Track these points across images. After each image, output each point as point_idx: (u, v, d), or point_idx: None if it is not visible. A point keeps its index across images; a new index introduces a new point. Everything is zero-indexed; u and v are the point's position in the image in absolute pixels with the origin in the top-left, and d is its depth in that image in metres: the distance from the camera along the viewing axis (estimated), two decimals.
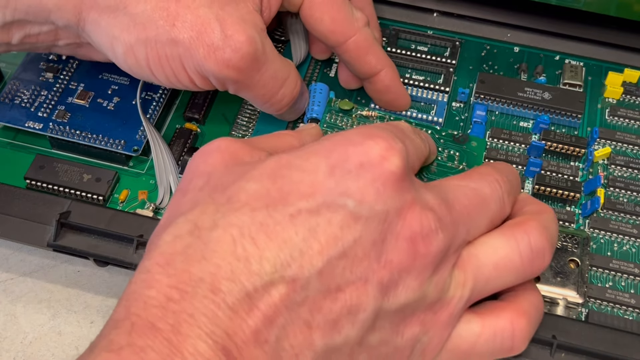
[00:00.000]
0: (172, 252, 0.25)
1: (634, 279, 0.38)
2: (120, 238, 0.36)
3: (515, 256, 0.29)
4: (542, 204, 0.32)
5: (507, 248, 0.29)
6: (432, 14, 0.50)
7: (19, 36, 0.38)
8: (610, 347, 0.33)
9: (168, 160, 0.40)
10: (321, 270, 0.25)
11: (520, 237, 0.29)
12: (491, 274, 0.29)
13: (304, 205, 0.25)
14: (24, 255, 0.41)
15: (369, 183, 0.26)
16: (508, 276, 0.30)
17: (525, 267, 0.30)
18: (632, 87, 0.46)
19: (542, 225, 0.30)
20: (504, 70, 0.48)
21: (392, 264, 0.26)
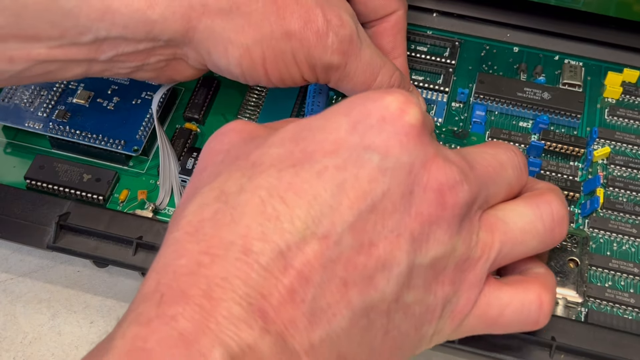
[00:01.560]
0: (200, 219, 0.24)
1: (633, 278, 0.38)
2: (119, 240, 0.36)
3: (539, 223, 0.30)
4: (549, 183, 0.33)
5: (532, 215, 0.30)
6: (431, 14, 0.50)
7: (108, 55, 0.35)
8: (610, 348, 0.33)
9: (173, 164, 0.40)
10: (353, 224, 0.24)
11: (544, 205, 0.30)
12: (517, 238, 0.29)
13: (329, 162, 0.25)
14: (24, 256, 0.41)
15: (392, 135, 0.26)
16: (532, 242, 0.30)
17: (547, 235, 0.30)
18: (631, 87, 0.46)
19: (560, 197, 0.31)
20: (504, 70, 0.48)
21: (422, 216, 0.26)
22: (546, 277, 0.31)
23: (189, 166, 0.40)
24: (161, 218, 0.40)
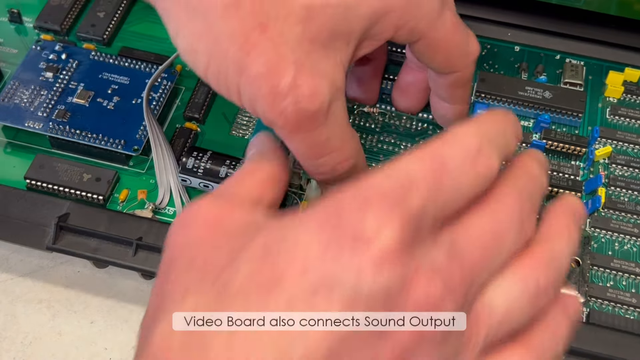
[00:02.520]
0: (167, 353, 0.24)
1: (635, 278, 0.38)
2: (119, 241, 0.36)
3: (524, 298, 0.27)
4: (567, 216, 0.30)
5: (517, 291, 0.27)
6: None
7: None
8: (612, 349, 0.33)
9: (168, 159, 0.40)
10: (326, 357, 0.23)
11: (529, 276, 0.27)
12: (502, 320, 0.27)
13: (298, 288, 0.23)
14: (24, 256, 0.41)
15: (366, 259, 0.23)
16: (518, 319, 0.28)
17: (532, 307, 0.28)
18: (632, 87, 0.46)
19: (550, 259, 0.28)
20: (505, 69, 0.48)
21: (400, 344, 0.24)
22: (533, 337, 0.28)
23: (189, 166, 0.40)
24: (161, 218, 0.40)
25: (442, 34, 0.34)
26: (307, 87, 0.30)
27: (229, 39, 0.29)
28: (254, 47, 0.29)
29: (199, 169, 0.39)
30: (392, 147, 0.41)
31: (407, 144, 0.41)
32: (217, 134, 0.44)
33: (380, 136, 0.41)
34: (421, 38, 0.33)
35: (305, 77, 0.30)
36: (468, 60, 0.36)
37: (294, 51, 0.29)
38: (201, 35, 0.30)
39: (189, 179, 0.40)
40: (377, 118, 0.42)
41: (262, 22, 0.29)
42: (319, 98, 0.30)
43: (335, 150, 0.33)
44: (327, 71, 0.30)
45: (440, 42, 0.34)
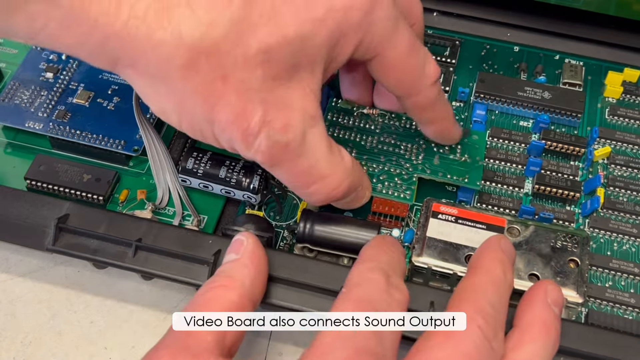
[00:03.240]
0: None
1: (633, 278, 0.38)
2: (119, 242, 0.36)
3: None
4: (541, 313, 0.31)
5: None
6: (432, 14, 0.50)
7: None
8: (610, 350, 0.33)
9: (164, 158, 0.40)
10: None
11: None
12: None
13: None
14: (24, 256, 0.41)
15: None
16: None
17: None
18: (631, 87, 0.46)
19: None
20: (504, 69, 0.48)
21: None
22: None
23: (188, 166, 0.40)
24: (161, 218, 0.40)
25: (396, 53, 0.34)
26: (278, 121, 0.31)
27: (193, 97, 0.30)
28: (218, 99, 0.30)
29: (199, 170, 0.40)
30: (392, 148, 0.41)
31: (407, 144, 0.41)
32: None
33: (380, 137, 0.41)
34: (376, 55, 0.34)
35: (273, 112, 0.30)
36: (425, 84, 0.36)
37: (259, 92, 0.30)
38: (166, 96, 0.30)
39: (189, 179, 0.40)
40: (376, 119, 0.42)
41: (222, 74, 0.29)
42: (292, 129, 0.31)
43: (323, 177, 0.34)
44: (296, 102, 0.31)
45: (394, 61, 0.34)
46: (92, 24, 0.27)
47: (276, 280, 0.35)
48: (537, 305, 0.31)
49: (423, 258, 0.36)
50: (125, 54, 0.28)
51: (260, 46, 0.29)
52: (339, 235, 0.37)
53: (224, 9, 0.28)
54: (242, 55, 0.29)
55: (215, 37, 0.28)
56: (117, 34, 0.28)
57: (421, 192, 0.40)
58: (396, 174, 0.40)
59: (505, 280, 0.32)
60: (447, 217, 0.38)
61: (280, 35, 0.29)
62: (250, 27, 0.29)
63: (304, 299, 0.35)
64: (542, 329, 0.31)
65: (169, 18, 0.28)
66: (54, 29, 0.28)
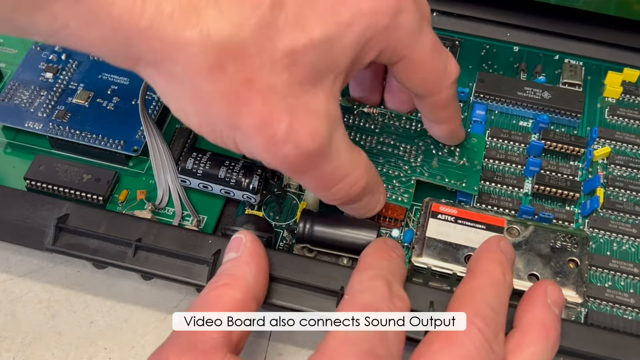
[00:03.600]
0: None
1: (633, 278, 0.38)
2: (118, 242, 0.36)
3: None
4: (541, 314, 0.31)
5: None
6: (431, 14, 0.50)
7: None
8: (610, 350, 0.33)
9: (166, 159, 0.40)
10: None
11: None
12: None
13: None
14: (24, 256, 0.41)
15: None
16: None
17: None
18: (631, 87, 0.46)
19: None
20: (504, 69, 0.48)
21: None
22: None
23: (188, 167, 0.40)
24: (160, 219, 0.40)
25: (421, 54, 0.34)
26: (305, 129, 0.30)
27: (218, 100, 0.29)
28: (244, 103, 0.29)
29: (198, 170, 0.40)
30: (391, 149, 0.41)
31: (406, 145, 0.41)
32: None
33: (379, 137, 0.41)
34: (401, 59, 0.34)
35: (300, 120, 0.30)
36: (446, 83, 0.36)
37: (285, 97, 0.29)
38: (190, 99, 0.30)
39: (189, 179, 0.40)
40: (376, 118, 0.42)
41: (248, 77, 0.29)
42: (319, 136, 0.31)
43: (345, 176, 0.34)
44: (321, 107, 0.31)
45: (419, 62, 0.34)
46: (115, 22, 0.27)
47: (276, 280, 0.35)
48: (537, 306, 0.32)
49: (423, 258, 0.36)
50: (149, 53, 0.28)
51: (286, 49, 0.29)
52: (338, 236, 0.37)
53: (252, 11, 0.28)
54: (269, 58, 0.28)
55: (243, 38, 0.28)
56: (141, 33, 0.27)
57: (418, 194, 0.40)
58: (394, 176, 0.40)
59: (505, 282, 0.32)
60: (446, 217, 0.38)
61: (307, 38, 0.29)
62: (277, 30, 0.28)
63: (304, 299, 0.35)
64: (541, 330, 0.31)
65: (197, 17, 0.27)
66: (76, 27, 0.27)
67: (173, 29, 0.27)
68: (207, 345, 0.29)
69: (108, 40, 0.28)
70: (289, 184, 0.42)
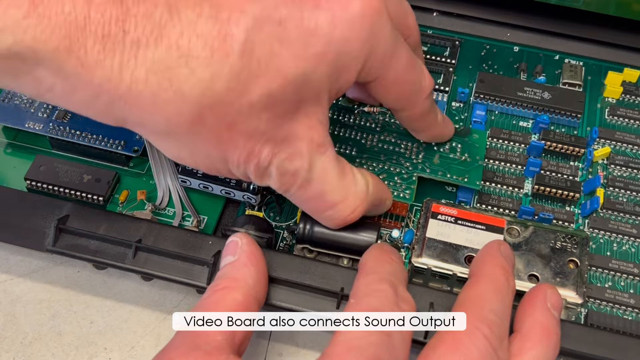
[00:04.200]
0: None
1: (633, 278, 0.38)
2: (119, 243, 0.36)
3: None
4: (541, 318, 0.32)
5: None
6: (431, 14, 0.50)
7: None
8: (610, 351, 0.33)
9: (165, 159, 0.40)
10: None
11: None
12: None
13: None
14: (24, 256, 0.41)
15: None
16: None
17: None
18: (631, 87, 0.46)
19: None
20: (504, 69, 0.48)
21: None
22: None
23: (188, 167, 0.40)
24: (161, 219, 0.40)
25: (396, 73, 0.34)
26: (285, 153, 0.31)
27: (204, 146, 0.30)
28: (228, 144, 0.30)
29: (199, 171, 0.40)
30: (392, 147, 0.41)
31: (407, 142, 0.41)
32: None
33: (381, 135, 0.41)
34: (376, 79, 0.34)
35: (280, 147, 0.31)
36: (421, 97, 0.36)
37: (267, 131, 0.30)
38: (179, 148, 0.31)
39: (189, 180, 0.40)
40: (377, 117, 0.42)
41: (228, 123, 0.30)
42: (298, 157, 0.32)
43: (337, 203, 0.34)
44: (302, 133, 0.32)
45: (394, 81, 0.34)
46: (97, 89, 0.27)
47: (276, 281, 0.35)
48: (537, 309, 0.32)
49: (423, 259, 0.36)
50: (132, 115, 0.29)
51: (262, 92, 0.29)
52: (338, 236, 0.37)
53: (222, 62, 0.28)
54: (246, 103, 0.29)
55: (217, 90, 0.28)
56: (122, 98, 0.28)
57: (421, 192, 0.40)
58: (396, 173, 0.40)
59: (509, 287, 0.32)
60: (446, 217, 0.38)
61: (281, 78, 0.29)
62: (250, 75, 0.29)
63: (304, 299, 0.35)
64: (543, 334, 0.31)
65: (170, 79, 0.28)
66: (60, 92, 0.28)
67: (149, 93, 0.28)
68: (211, 346, 0.30)
69: (92, 104, 0.28)
70: None
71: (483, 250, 0.34)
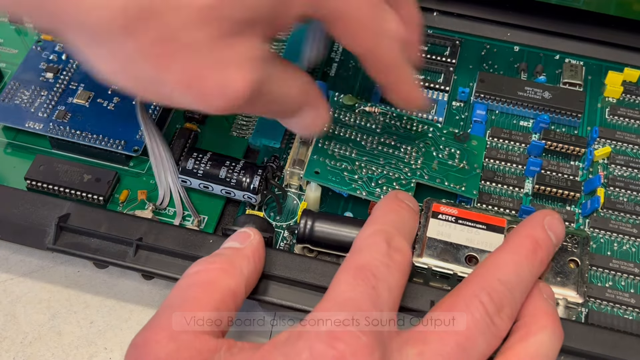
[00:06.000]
0: None
1: (633, 278, 0.38)
2: (119, 241, 0.36)
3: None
4: (549, 315, 0.32)
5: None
6: (432, 13, 0.50)
7: None
8: (611, 349, 0.33)
9: (166, 159, 0.40)
10: None
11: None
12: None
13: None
14: (24, 256, 0.41)
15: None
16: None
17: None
18: (632, 87, 0.46)
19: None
20: (504, 69, 0.48)
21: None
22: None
23: (189, 167, 0.40)
24: (161, 219, 0.40)
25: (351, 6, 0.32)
26: (235, 82, 0.30)
27: (140, 58, 0.29)
28: (167, 61, 0.29)
29: (199, 170, 0.40)
30: (392, 150, 0.41)
31: (407, 146, 0.41)
32: (217, 134, 0.44)
33: (381, 137, 0.41)
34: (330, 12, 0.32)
35: (229, 73, 0.30)
36: (385, 41, 0.34)
37: (210, 53, 0.29)
38: (114, 59, 0.29)
39: (189, 180, 0.40)
40: (377, 118, 0.42)
41: (164, 35, 0.28)
42: (250, 84, 0.30)
43: (282, 100, 0.33)
44: (249, 55, 0.30)
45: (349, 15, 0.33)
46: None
47: (277, 280, 0.35)
48: (535, 298, 0.32)
49: (423, 258, 0.36)
50: (63, 16, 0.28)
51: (201, 5, 0.28)
52: (339, 236, 0.37)
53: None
54: (184, 15, 0.28)
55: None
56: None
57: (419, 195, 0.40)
58: (395, 179, 0.40)
59: (533, 260, 0.32)
60: (447, 217, 0.38)
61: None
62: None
63: (304, 298, 0.34)
64: (547, 317, 0.31)
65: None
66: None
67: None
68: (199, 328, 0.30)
69: (22, 2, 0.28)
70: (289, 184, 0.42)
71: (528, 217, 0.33)
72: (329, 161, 0.40)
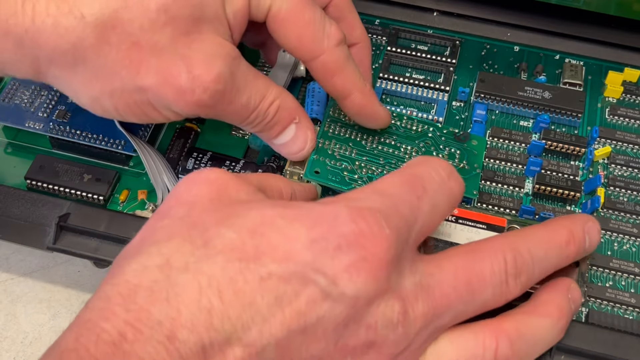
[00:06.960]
0: (136, 284, 0.24)
1: (634, 278, 0.38)
2: (119, 240, 0.36)
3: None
4: (559, 300, 0.32)
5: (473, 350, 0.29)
6: (432, 13, 0.50)
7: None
8: (611, 349, 0.33)
9: (157, 160, 0.40)
10: (279, 341, 0.25)
11: (489, 342, 0.30)
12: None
13: (275, 269, 0.25)
14: (25, 256, 0.41)
15: (344, 267, 0.25)
16: None
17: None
18: (632, 87, 0.46)
19: (518, 332, 0.30)
20: (504, 69, 0.48)
21: (346, 349, 0.26)
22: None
23: (189, 167, 0.40)
24: None
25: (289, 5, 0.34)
26: (206, 73, 0.32)
27: (116, 69, 0.31)
28: (139, 65, 0.31)
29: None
30: (392, 150, 0.41)
31: (407, 146, 0.41)
32: (216, 134, 0.44)
33: (381, 137, 0.41)
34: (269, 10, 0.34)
35: (198, 66, 0.32)
36: (327, 44, 0.35)
37: (176, 50, 0.31)
38: (92, 81, 0.32)
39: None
40: None
41: (133, 41, 0.31)
42: (221, 76, 0.32)
43: (259, 102, 0.35)
44: (214, 50, 0.32)
45: (288, 15, 0.35)
46: (4, 25, 0.29)
47: None
48: (558, 292, 0.32)
49: None
50: (41, 50, 0.30)
51: (159, 6, 0.31)
52: None
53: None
54: (145, 19, 0.30)
55: (114, 9, 0.30)
56: (28, 32, 0.30)
57: None
58: None
59: (565, 250, 0.32)
60: (447, 217, 0.38)
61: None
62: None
63: None
64: (559, 311, 0.31)
65: (69, 6, 0.30)
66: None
67: (52, 22, 0.30)
68: None
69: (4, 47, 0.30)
70: None
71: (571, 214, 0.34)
72: (329, 161, 0.40)
